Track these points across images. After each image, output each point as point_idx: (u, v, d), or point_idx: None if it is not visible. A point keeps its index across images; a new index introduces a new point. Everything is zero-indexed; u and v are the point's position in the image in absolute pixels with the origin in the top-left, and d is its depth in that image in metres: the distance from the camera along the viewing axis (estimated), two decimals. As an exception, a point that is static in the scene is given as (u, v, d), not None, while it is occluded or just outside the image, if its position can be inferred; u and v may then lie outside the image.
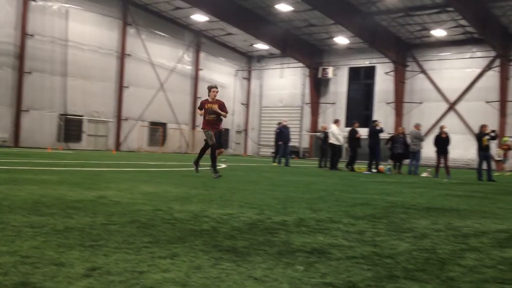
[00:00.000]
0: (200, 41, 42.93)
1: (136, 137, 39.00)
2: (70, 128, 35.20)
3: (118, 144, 37.84)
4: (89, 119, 36.27)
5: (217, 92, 11.40)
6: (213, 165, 11.11)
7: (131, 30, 38.19)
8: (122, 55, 37.59)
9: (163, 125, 41.10)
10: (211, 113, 11.31)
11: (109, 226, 4.06)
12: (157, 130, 40.74)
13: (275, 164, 22.37)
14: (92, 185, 7.70)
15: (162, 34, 40.14)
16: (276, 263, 3.10)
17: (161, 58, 40.23)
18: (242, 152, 46.74)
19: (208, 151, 11.67)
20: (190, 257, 3.10)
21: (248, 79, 47.80)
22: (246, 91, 47.82)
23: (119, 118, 37.91)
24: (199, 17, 37.97)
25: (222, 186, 8.74)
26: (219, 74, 45.09)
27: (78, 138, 35.84)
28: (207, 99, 11.49)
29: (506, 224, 5.56)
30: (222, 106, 11.37)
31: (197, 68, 43.12)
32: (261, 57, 46.77)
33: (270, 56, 45.72)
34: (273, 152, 24.57)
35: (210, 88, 11.45)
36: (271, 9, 34.87)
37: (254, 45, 43.44)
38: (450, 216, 6.06)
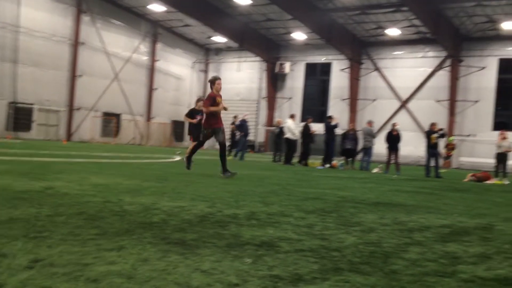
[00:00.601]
0: (157, 31, 42.37)
1: (89, 127, 38.20)
2: (20, 117, 34.13)
3: (69, 134, 36.96)
4: (39, 107, 35.26)
5: (221, 85, 10.53)
6: (224, 165, 10.06)
7: (85, 18, 37.30)
8: (76, 43, 36.68)
9: (117, 116, 40.41)
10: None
11: (55, 218, 3.97)
12: (111, 121, 40.02)
13: (231, 157, 22.38)
14: (40, 175, 7.51)
15: (118, 23, 39.40)
16: (225, 255, 3.11)
17: (116, 47, 39.49)
18: (198, 145, 46.55)
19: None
20: (137, 250, 3.08)
21: (205, 71, 47.55)
22: (203, 84, 47.53)
23: (71, 108, 37.02)
24: (157, 7, 37.45)
25: (175, 179, 8.69)
26: (176, 65, 44.67)
27: (27, 127, 34.81)
28: (213, 92, 10.34)
29: (449, 220, 5.76)
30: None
31: (153, 59, 42.56)
32: (219, 50, 46.60)
33: (227, 49, 45.60)
34: (229, 146, 24.51)
35: (214, 80, 10.35)
36: (230, 2, 34.76)
37: (212, 38, 43.23)
38: (397, 211, 6.22)
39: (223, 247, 3.33)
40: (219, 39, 42.55)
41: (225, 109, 10.50)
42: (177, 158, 18.44)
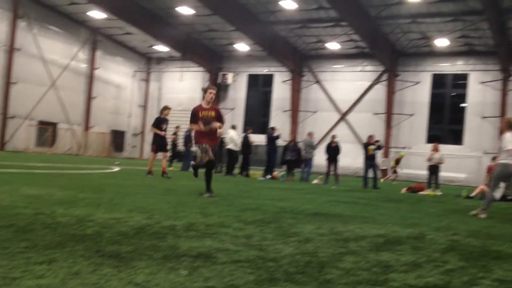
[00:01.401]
0: (96, 38, 41.46)
1: (24, 136, 36.76)
2: None
3: (2, 144, 35.45)
4: (-30, 115, 33.62)
5: (214, 94, 8.99)
6: (207, 185, 8.93)
7: (22, 23, 36.01)
8: (11, 49, 35.33)
9: (54, 125, 39.12)
10: (208, 123, 8.75)
11: (-18, 231, 3.79)
12: (47, 130, 38.70)
13: (172, 168, 22.13)
14: (-32, 186, 7.15)
15: (56, 29, 38.29)
16: (160, 268, 3.06)
17: (54, 54, 38.33)
18: (138, 156, 45.71)
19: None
20: (68, 263, 2.98)
21: (147, 80, 46.92)
22: (144, 93, 46.88)
23: (4, 116, 35.54)
24: (97, 14, 36.68)
25: (112, 190, 8.49)
26: (116, 74, 43.84)
27: (-43, 136, 33.08)
28: (200, 105, 8.98)
29: (384, 229, 5.92)
30: (219, 114, 8.98)
31: (92, 67, 41.59)
32: (161, 59, 46.14)
33: (170, 58, 45.22)
34: (170, 156, 24.23)
35: (206, 90, 8.95)
36: (172, 11, 34.55)
37: (153, 47, 42.76)
38: (335, 221, 6.34)
39: (159, 259, 3.29)
40: (161, 48, 42.13)
41: (214, 129, 8.86)
42: (116, 168, 18.04)
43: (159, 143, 14.41)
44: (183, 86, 45.25)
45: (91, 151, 40.81)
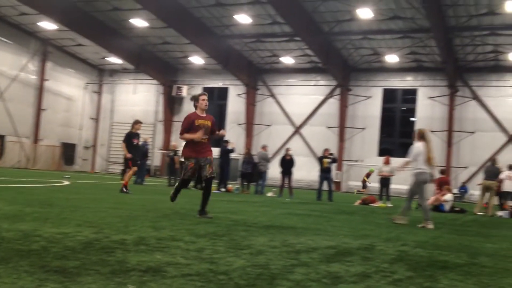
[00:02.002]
0: (47, 50, 40.47)
1: (-31, 149, 35.38)
2: None
3: None
4: None
5: (207, 101, 8.25)
6: (204, 204, 8.15)
7: (-32, 33, 34.83)
8: (-44, 59, 34.05)
9: (1, 137, 37.83)
10: (206, 132, 8.02)
11: None
12: (-6, 143, 37.38)
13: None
14: None
15: (4, 40, 37.19)
16: (107, 283, 3.00)
17: (1, 65, 37.18)
18: (90, 169, 44.71)
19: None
20: (12, 279, 2.88)
21: (99, 93, 46.06)
22: (96, 106, 45.99)
23: None
24: (47, 25, 35.85)
25: (61, 204, 8.27)
26: (67, 86, 42.86)
27: None
28: (194, 113, 8.12)
29: (335, 241, 6.00)
30: (214, 123, 8.25)
31: (42, 78, 40.51)
32: (114, 71, 45.46)
33: (123, 70, 44.62)
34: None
35: (197, 97, 8.17)
36: (126, 23, 34.19)
37: (106, 58, 42.09)
38: (287, 234, 6.38)
39: (106, 274, 3.21)
40: (114, 60, 41.51)
41: (217, 135, 8.47)
42: (66, 182, 17.59)
43: (132, 157, 14.14)
44: (136, 98, 44.69)
45: (40, 165, 39.62)
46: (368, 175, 28.94)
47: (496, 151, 32.75)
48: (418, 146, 9.51)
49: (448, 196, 16.78)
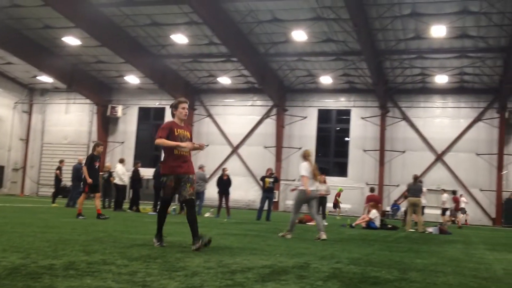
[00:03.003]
0: (-27, 68, 38.74)
1: None
2: None
3: None
4: None
5: (187, 110, 7.27)
6: (158, 228, 7.02)
7: None
8: None
9: None
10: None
11: None
12: None
13: (55, 205, 20.96)
14: None
15: None
16: (32, 311, 2.86)
17: None
18: (19, 192, 42.78)
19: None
20: None
21: (29, 112, 44.38)
22: (26, 126, 44.24)
23: None
24: (-26, 42, 34.33)
25: (-15, 229, 7.85)
26: (-5, 105, 41.09)
27: None
28: (173, 121, 7.15)
29: (271, 260, 6.01)
30: (191, 134, 7.45)
31: (-32, 97, 38.67)
32: (45, 91, 43.99)
33: (55, 90, 43.27)
34: (53, 192, 23.02)
35: (177, 105, 7.15)
36: (58, 41, 33.29)
37: (37, 77, 40.71)
38: (223, 254, 6.33)
39: (31, 302, 3.07)
40: (45, 79, 40.21)
41: (198, 148, 7.45)
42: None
43: (91, 184, 13.56)
44: (69, 118, 43.37)
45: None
46: (339, 195, 29.48)
47: (425, 169, 34.15)
48: (304, 165, 10.57)
49: (373, 213, 17.27)
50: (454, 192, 31.85)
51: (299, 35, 28.38)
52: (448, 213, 25.55)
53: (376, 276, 5.22)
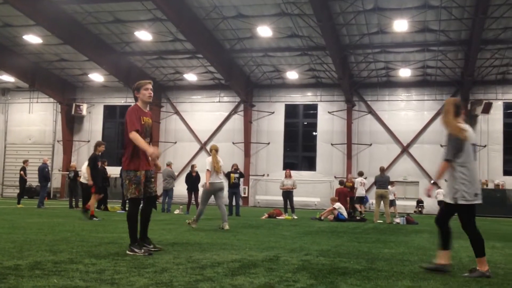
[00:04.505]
0: None
1: None
2: None
3: None
4: None
5: (151, 91, 6.53)
6: (132, 236, 5.97)
7: None
8: None
9: None
10: (147, 136, 6.40)
11: None
12: None
13: (20, 205, 20.51)
14: None
15: None
16: (-3, 312, 2.80)
17: None
18: (-18, 194, 41.68)
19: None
20: None
21: (-10, 113, 43.25)
22: (-14, 126, 43.09)
23: None
24: None
25: None
26: (-46, 106, 39.87)
27: None
28: (137, 105, 6.42)
29: (240, 254, 6.03)
30: (152, 120, 6.71)
31: None
32: (7, 90, 42.90)
33: (17, 89, 42.25)
34: (19, 193, 22.52)
35: (139, 87, 6.45)
36: (18, 40, 32.46)
37: (-2, 77, 39.70)
38: (193, 250, 6.32)
39: (-4, 303, 3.01)
40: (7, 78, 39.20)
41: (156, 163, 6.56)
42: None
43: (97, 182, 13.26)
44: (32, 118, 42.43)
45: None
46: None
47: (392, 161, 34.71)
48: (208, 159, 11.30)
49: (337, 205, 17.48)
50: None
51: (264, 31, 28.40)
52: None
53: (345, 267, 5.30)
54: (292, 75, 35.23)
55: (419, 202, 33.30)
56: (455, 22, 27.08)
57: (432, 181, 4.07)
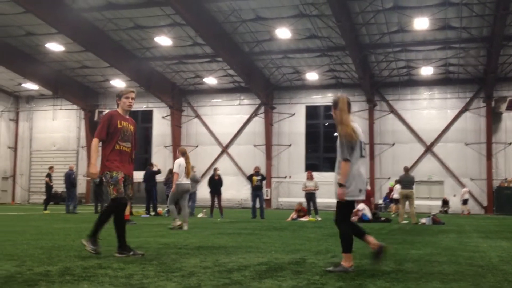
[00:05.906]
0: (-43, 78, 38.32)
1: None
2: None
3: None
4: None
5: (132, 100, 6.42)
6: (95, 230, 6.20)
7: None
8: None
9: None
10: (126, 140, 6.28)
11: None
12: None
13: (47, 211, 20.83)
14: None
15: None
16: (31, 318, 2.84)
17: None
18: (10, 201, 42.42)
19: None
20: None
21: (16, 120, 44.02)
22: (13, 134, 43.87)
23: None
24: (-44, 52, 33.95)
25: (-23, 239, 7.77)
26: (-20, 115, 40.70)
27: None
28: (116, 111, 6.37)
29: (267, 257, 6.02)
30: (135, 130, 6.55)
31: (-47, 108, 38.27)
32: (31, 98, 43.64)
33: (41, 97, 42.95)
34: (45, 199, 22.88)
35: (121, 95, 6.37)
36: (41, 48, 33.01)
37: (22, 85, 40.36)
38: (219, 253, 6.33)
39: (29, 309, 3.05)
40: (31, 86, 39.87)
41: (133, 146, 6.44)
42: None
43: None
44: (56, 125, 43.09)
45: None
46: (391, 190, 28.08)
47: (415, 161, 34.33)
48: (179, 161, 11.70)
49: (361, 206, 17.33)
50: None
51: (283, 33, 28.39)
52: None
53: (373, 269, 5.24)
54: (312, 76, 35.13)
55: (445, 202, 32.85)
56: (476, 19, 26.71)
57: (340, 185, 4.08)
